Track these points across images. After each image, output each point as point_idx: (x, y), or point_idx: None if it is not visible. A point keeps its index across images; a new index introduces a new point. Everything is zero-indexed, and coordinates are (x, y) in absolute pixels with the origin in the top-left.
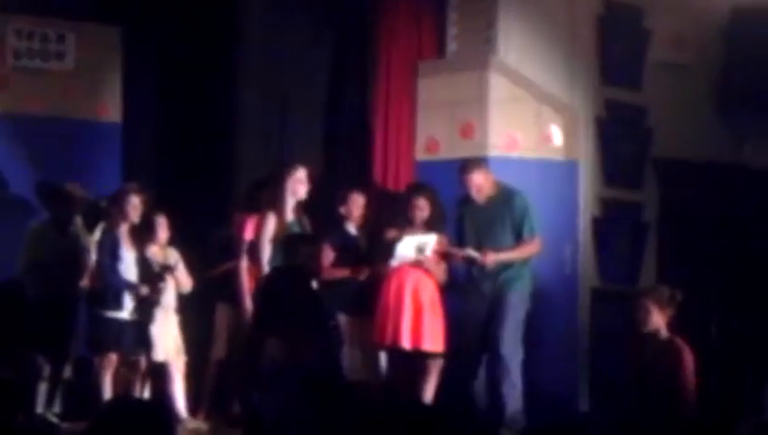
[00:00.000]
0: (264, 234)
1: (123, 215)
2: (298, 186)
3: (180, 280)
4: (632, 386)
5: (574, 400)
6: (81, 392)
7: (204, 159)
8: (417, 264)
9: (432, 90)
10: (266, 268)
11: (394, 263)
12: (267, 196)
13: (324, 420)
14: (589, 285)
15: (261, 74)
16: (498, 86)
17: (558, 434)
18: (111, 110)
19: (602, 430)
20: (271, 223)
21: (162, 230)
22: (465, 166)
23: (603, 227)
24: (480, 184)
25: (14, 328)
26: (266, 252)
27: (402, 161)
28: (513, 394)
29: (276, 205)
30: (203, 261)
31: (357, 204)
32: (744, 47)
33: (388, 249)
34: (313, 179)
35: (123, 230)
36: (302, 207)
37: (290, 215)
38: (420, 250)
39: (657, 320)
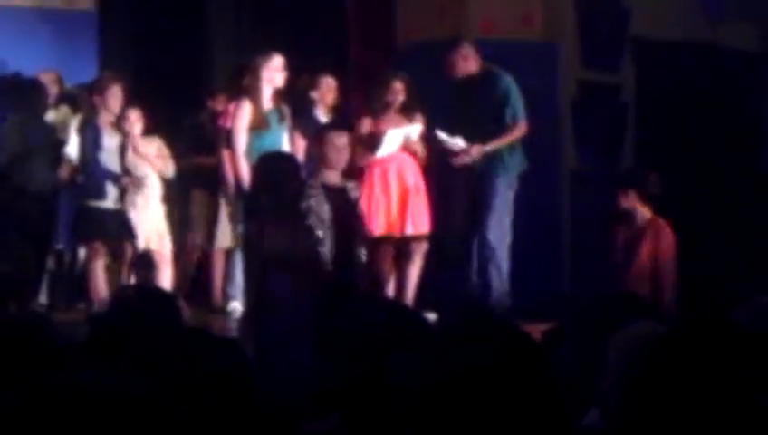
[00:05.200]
0: (239, 122)
1: (105, 104)
2: (274, 73)
3: (160, 167)
4: (614, 266)
5: (557, 281)
6: (64, 283)
7: (178, 46)
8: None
9: None
10: (242, 157)
11: (379, 154)
12: (244, 84)
13: (322, 305)
14: (568, 168)
15: None
16: None
17: (541, 314)
18: None
19: (584, 309)
20: (246, 111)
21: (137, 123)
22: (448, 43)
23: (582, 110)
24: (456, 61)
25: (7, 220)
26: (242, 140)
27: (380, 46)
28: (500, 277)
29: (252, 93)
30: (176, 149)
31: (328, 88)
32: None
33: (370, 141)
34: (289, 67)
35: (104, 119)
36: (280, 94)
37: (268, 103)
38: (407, 140)
39: (638, 203)
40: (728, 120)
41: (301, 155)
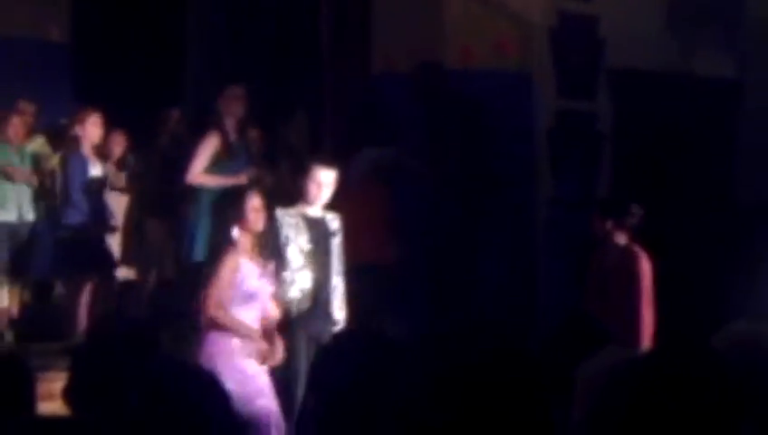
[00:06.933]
0: (202, 150)
1: (85, 134)
2: (233, 104)
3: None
4: (589, 293)
5: (531, 310)
6: (42, 314)
7: (152, 77)
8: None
9: (387, 4)
10: (197, 177)
11: (351, 178)
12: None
13: None
14: (545, 196)
15: None
16: None
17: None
18: (60, 30)
19: (556, 335)
20: (212, 141)
21: (118, 147)
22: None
23: (558, 138)
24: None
25: None
26: (197, 167)
27: (355, 76)
28: None
29: (217, 125)
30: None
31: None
32: None
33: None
34: (246, 98)
35: (87, 149)
36: (244, 124)
37: (232, 135)
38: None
39: (614, 230)
40: (704, 148)
41: None
